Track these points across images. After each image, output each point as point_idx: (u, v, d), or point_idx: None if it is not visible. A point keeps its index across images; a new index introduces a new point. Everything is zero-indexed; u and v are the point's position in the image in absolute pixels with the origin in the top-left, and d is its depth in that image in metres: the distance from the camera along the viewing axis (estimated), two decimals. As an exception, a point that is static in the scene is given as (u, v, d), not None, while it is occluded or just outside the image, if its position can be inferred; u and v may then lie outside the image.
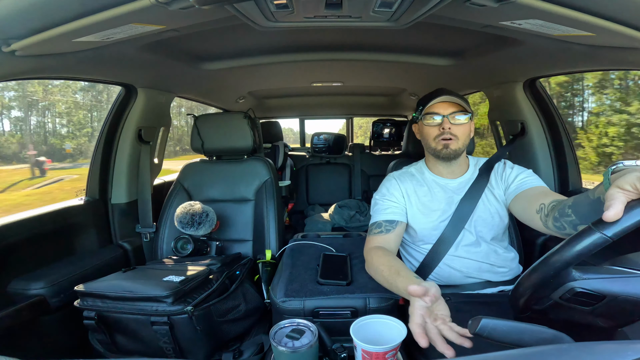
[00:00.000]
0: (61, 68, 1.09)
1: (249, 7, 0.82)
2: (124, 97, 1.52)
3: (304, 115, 3.72)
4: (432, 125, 1.09)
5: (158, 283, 0.98)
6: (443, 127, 1.06)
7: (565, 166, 1.50)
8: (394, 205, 1.12)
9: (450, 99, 1.07)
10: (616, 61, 1.04)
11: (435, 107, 1.08)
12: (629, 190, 0.52)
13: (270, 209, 1.53)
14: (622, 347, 0.39)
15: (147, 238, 1.59)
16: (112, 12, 0.74)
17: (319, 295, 0.96)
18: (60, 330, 1.18)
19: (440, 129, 1.07)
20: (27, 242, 1.18)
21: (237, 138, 1.58)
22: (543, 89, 1.53)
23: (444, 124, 1.06)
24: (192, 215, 1.33)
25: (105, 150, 1.54)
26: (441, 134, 1.07)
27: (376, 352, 0.68)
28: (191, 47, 1.35)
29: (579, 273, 0.55)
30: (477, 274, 1.09)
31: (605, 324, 0.58)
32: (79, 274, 1.25)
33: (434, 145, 1.09)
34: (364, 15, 0.91)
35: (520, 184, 1.06)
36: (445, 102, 1.08)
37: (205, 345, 1.02)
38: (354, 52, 1.51)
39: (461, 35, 1.16)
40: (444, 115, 1.07)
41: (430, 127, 1.09)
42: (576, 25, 0.79)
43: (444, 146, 1.07)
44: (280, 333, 0.74)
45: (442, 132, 1.07)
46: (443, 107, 1.08)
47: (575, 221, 0.75)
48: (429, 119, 1.09)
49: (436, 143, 1.09)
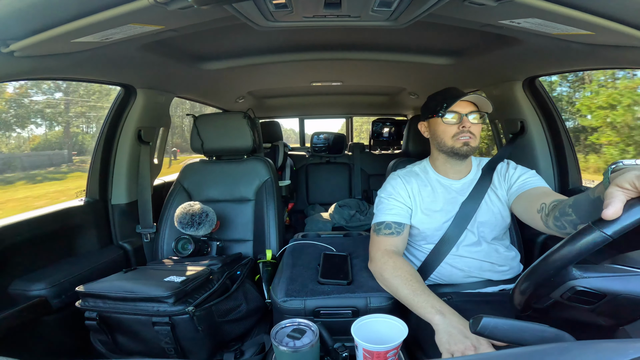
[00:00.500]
0: (60, 69, 1.08)
1: (248, 7, 0.82)
2: (123, 97, 1.52)
3: (304, 114, 3.72)
4: (451, 123, 1.08)
5: (159, 283, 0.98)
6: (463, 126, 1.06)
7: (565, 164, 1.50)
8: (400, 205, 1.11)
9: (472, 98, 1.07)
10: (615, 60, 1.04)
11: (455, 105, 1.08)
12: (628, 189, 0.51)
13: (270, 209, 1.53)
14: (624, 345, 0.39)
15: (147, 238, 1.58)
16: (110, 13, 0.74)
17: (320, 295, 0.96)
18: (61, 331, 1.18)
19: (460, 127, 1.07)
20: (28, 243, 1.18)
21: (237, 138, 1.58)
22: (542, 88, 1.53)
23: (463, 122, 1.06)
24: (191, 216, 1.33)
25: (105, 151, 1.54)
26: (460, 132, 1.06)
27: (377, 352, 0.68)
28: (190, 47, 1.35)
29: (579, 272, 0.55)
30: (478, 272, 1.09)
31: (606, 323, 0.58)
32: (80, 274, 1.25)
33: (450, 143, 1.08)
34: (363, 15, 0.91)
35: (523, 184, 1.06)
36: (464, 100, 1.08)
37: (207, 346, 1.02)
38: (353, 51, 1.51)
39: (460, 34, 1.16)
40: (464, 114, 1.06)
41: (449, 125, 1.08)
42: (575, 24, 0.79)
43: (464, 143, 1.06)
44: (282, 333, 0.75)
45: (462, 131, 1.06)
46: (462, 105, 1.07)
47: (575, 220, 0.75)
48: (449, 117, 1.08)
49: (454, 141, 1.08)
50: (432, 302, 0.84)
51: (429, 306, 0.83)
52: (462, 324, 0.78)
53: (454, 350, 0.73)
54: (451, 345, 0.74)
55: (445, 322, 0.79)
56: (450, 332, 0.77)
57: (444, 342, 0.76)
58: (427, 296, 0.86)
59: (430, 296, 0.86)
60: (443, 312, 0.81)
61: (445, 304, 0.84)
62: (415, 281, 0.91)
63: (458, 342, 0.74)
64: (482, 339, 0.73)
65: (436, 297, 0.87)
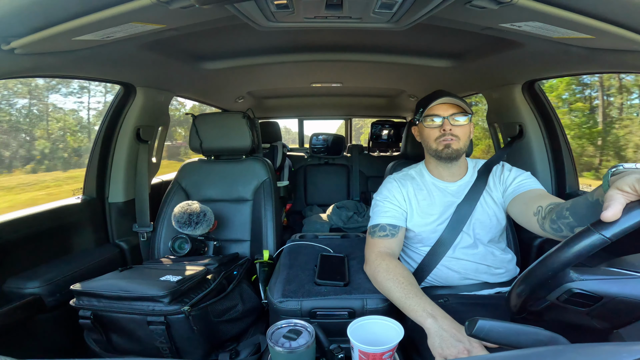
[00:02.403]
0: (60, 66, 1.08)
1: (249, 7, 0.82)
2: (122, 95, 1.52)
3: (303, 115, 3.72)
4: (433, 127, 1.09)
5: (155, 283, 0.97)
6: (444, 129, 1.06)
7: (563, 168, 1.50)
8: (395, 208, 1.11)
9: (450, 100, 1.07)
10: (615, 64, 1.05)
11: (436, 109, 1.08)
12: (628, 192, 0.51)
13: (268, 209, 1.53)
14: (618, 348, 0.39)
15: (144, 237, 1.58)
16: (112, 11, 0.74)
17: (317, 296, 0.96)
18: (55, 329, 1.17)
19: (441, 130, 1.07)
20: (23, 240, 1.17)
21: (236, 138, 1.58)
22: (542, 91, 1.53)
23: (444, 125, 1.06)
24: (189, 215, 1.33)
25: (103, 149, 1.53)
26: (442, 136, 1.07)
27: (373, 353, 0.68)
28: (191, 47, 1.35)
29: (576, 274, 0.55)
30: (475, 275, 1.09)
31: (601, 326, 0.58)
32: (75, 273, 1.24)
33: (434, 146, 1.09)
34: (365, 16, 0.91)
35: (518, 187, 1.07)
36: (446, 103, 1.08)
37: (202, 346, 1.02)
38: (353, 53, 1.51)
39: (461, 37, 1.16)
40: (445, 116, 1.06)
41: (431, 129, 1.09)
42: (576, 27, 0.80)
43: (446, 146, 1.07)
44: (278, 333, 0.74)
45: (443, 134, 1.06)
46: (443, 108, 1.08)
47: (572, 223, 0.75)
48: (429, 121, 1.09)
49: (437, 144, 1.08)
50: (424, 306, 0.83)
51: (421, 309, 0.82)
52: (455, 328, 0.77)
53: (446, 355, 0.73)
54: (444, 349, 0.74)
55: (437, 325, 0.78)
56: (442, 335, 0.76)
57: (436, 347, 0.75)
58: (419, 299, 0.85)
59: (422, 299, 0.85)
60: (435, 316, 0.80)
61: (438, 307, 0.83)
62: (407, 284, 0.90)
63: (450, 346, 0.73)
64: (475, 342, 0.72)
65: (428, 300, 0.85)
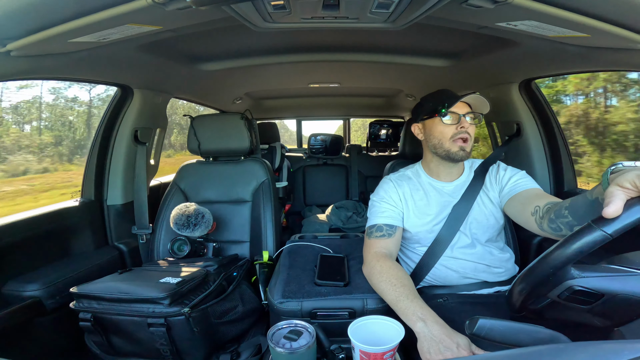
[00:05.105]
0: (57, 68, 1.08)
1: (246, 8, 0.82)
2: (119, 97, 1.51)
3: (301, 116, 3.72)
4: (450, 124, 1.07)
5: (155, 285, 0.97)
6: (462, 126, 1.05)
7: (561, 167, 1.51)
8: (391, 208, 1.11)
9: (470, 98, 1.06)
10: (611, 62, 1.05)
11: (453, 106, 1.07)
12: (629, 188, 0.52)
13: (267, 210, 1.52)
14: (619, 346, 0.39)
15: (143, 239, 1.57)
16: (108, 13, 0.73)
17: (317, 297, 0.96)
18: (55, 332, 1.17)
19: (458, 127, 1.06)
20: (22, 243, 1.17)
21: (234, 139, 1.58)
22: (539, 90, 1.54)
23: (462, 122, 1.05)
24: (187, 217, 1.32)
25: (101, 151, 1.53)
26: (458, 133, 1.05)
27: (374, 353, 0.68)
28: (188, 48, 1.35)
29: (578, 271, 0.55)
30: (474, 274, 1.09)
31: (602, 324, 0.58)
32: (75, 275, 1.24)
33: (448, 145, 1.07)
34: (361, 17, 0.91)
35: (514, 186, 1.07)
36: (462, 101, 1.07)
37: (203, 347, 1.02)
38: (351, 53, 1.51)
39: (457, 36, 1.17)
40: (462, 114, 1.06)
41: (448, 125, 1.07)
42: (571, 26, 0.80)
43: (461, 148, 1.05)
44: (278, 334, 0.74)
45: (459, 132, 1.05)
46: (459, 106, 1.07)
47: (571, 222, 0.75)
48: (447, 118, 1.07)
49: (450, 144, 1.06)
50: (414, 309, 0.81)
51: (411, 313, 0.81)
52: (445, 333, 0.76)
53: None
54: (432, 354, 0.73)
55: (427, 330, 0.77)
56: (431, 341, 0.75)
57: (424, 351, 0.75)
58: (410, 302, 0.84)
59: (414, 302, 0.83)
60: (425, 320, 0.79)
61: (430, 311, 0.82)
62: (400, 285, 0.89)
63: (438, 352, 0.73)
64: (464, 349, 0.72)
65: (420, 302, 0.84)
